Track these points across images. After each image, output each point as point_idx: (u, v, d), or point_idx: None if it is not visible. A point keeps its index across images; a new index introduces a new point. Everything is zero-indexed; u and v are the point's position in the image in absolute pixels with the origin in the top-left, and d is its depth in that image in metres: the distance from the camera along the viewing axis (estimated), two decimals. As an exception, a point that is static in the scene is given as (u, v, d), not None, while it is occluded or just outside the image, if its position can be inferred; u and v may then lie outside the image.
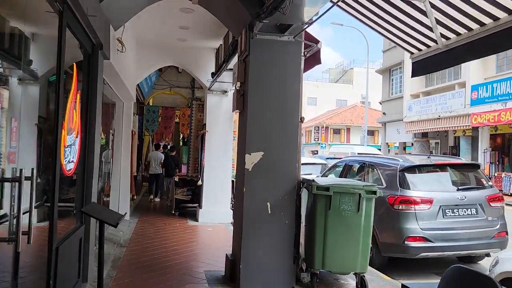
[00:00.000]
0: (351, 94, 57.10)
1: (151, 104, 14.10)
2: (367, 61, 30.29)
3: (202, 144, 9.20)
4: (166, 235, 7.59)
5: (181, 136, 16.80)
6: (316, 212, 4.54)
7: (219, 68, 7.50)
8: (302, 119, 4.94)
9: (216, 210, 9.06)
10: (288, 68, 4.85)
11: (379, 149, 27.97)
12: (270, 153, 4.77)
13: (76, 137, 3.98)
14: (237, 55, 5.58)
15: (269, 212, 4.73)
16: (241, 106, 5.02)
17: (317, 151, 40.81)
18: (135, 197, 9.55)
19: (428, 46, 4.80)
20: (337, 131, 43.80)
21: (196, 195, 9.83)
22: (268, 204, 4.73)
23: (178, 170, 12.73)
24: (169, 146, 15.83)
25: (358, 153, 22.88)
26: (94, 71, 4.49)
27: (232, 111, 5.48)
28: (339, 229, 4.50)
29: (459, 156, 22.30)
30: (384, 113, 27.47)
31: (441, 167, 6.23)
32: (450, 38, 4.37)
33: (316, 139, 43.14)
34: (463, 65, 20.04)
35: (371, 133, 43.09)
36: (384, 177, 6.27)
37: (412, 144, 24.96)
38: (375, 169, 6.61)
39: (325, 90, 56.14)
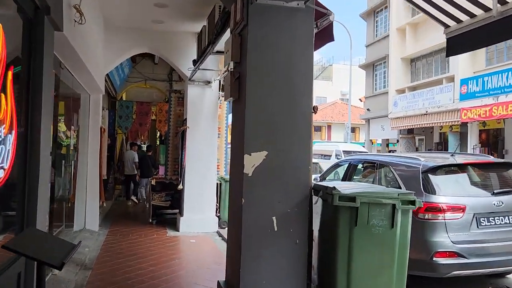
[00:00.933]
0: (330, 91, 56.58)
1: (124, 98, 12.79)
2: (350, 56, 29.67)
3: (182, 142, 8.03)
4: (141, 251, 6.41)
5: (158, 134, 15.54)
6: (338, 229, 3.48)
7: (203, 52, 6.35)
8: (315, 109, 3.87)
9: (199, 217, 7.93)
10: (297, 43, 3.77)
11: (363, 146, 27.27)
12: (275, 153, 3.68)
13: (9, 132, 2.80)
14: (229, 29, 4.47)
15: (275, 228, 3.65)
16: (236, 92, 3.91)
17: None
18: (104, 204, 8.32)
19: (472, 16, 3.81)
20: (317, 129, 43.08)
21: (176, 200, 8.65)
22: (274, 218, 3.65)
23: (155, 170, 11.64)
24: (145, 146, 14.61)
25: (343, 151, 22.10)
26: (38, 44, 3.30)
27: (225, 100, 4.36)
28: (368, 250, 3.46)
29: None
30: (368, 109, 26.79)
31: (471, 167, 5.28)
32: (508, 3, 3.39)
33: (297, 137, 42.27)
34: (451, 58, 19.45)
35: (352, 130, 42.55)
36: (402, 179, 5.27)
37: (398, 141, 24.33)
38: (389, 170, 5.61)
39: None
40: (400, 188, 5.17)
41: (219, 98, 8.28)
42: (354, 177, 6.62)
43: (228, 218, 4.31)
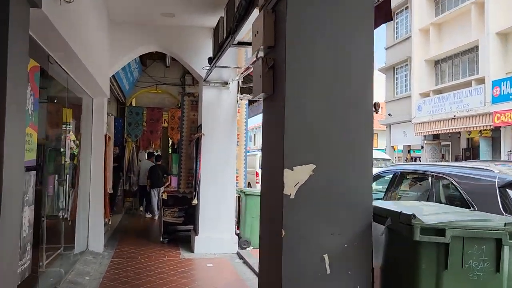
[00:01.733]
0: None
1: (133, 104, 11.97)
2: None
3: (197, 151, 7.11)
4: (151, 279, 5.46)
5: (170, 142, 14.69)
6: (419, 273, 2.47)
7: (220, 46, 5.42)
8: (376, 107, 2.89)
9: (216, 236, 6.97)
10: (353, 20, 2.80)
11: (384, 153, 26.04)
12: (326, 167, 2.71)
13: None
14: (256, 8, 3.54)
15: (328, 270, 2.67)
16: (270, 86, 2.95)
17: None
18: (110, 222, 7.44)
19: None
20: (334, 135, 41.84)
21: (190, 216, 7.71)
22: (326, 257, 2.66)
23: (166, 181, 10.89)
24: (155, 154, 13.85)
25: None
26: (3, 23, 2.40)
27: (253, 97, 3.37)
28: (463, 305, 2.45)
29: (478, 159, 20.48)
30: (389, 115, 25.60)
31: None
32: None
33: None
34: (480, 59, 18.31)
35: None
36: (471, 196, 4.22)
37: (422, 147, 23.10)
38: (451, 184, 4.57)
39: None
40: (470, 207, 4.14)
41: (237, 101, 7.35)
42: (401, 191, 5.58)
43: (260, 255, 3.33)
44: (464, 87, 19.24)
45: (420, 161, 27.64)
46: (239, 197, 7.45)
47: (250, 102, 8.33)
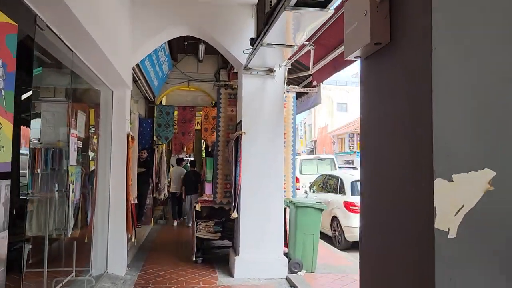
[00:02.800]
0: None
1: (163, 103, 10.91)
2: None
3: (236, 153, 5.86)
4: (180, 319, 4.23)
5: (204, 145, 13.63)
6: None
7: (271, 13, 4.15)
8: None
9: (261, 257, 5.70)
10: None
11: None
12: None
13: None
14: None
15: None
16: (385, 29, 1.65)
17: (352, 160, 36.98)
18: (133, 239, 6.31)
19: None
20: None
21: (228, 230, 6.48)
22: None
23: (199, 187, 10.17)
24: (188, 160, 12.91)
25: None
26: None
27: (347, 55, 2.02)
28: None
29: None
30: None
31: None
32: None
33: (351, 148, 39.33)
34: None
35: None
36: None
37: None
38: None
39: (356, 95, 52.18)
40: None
41: (284, 92, 6.07)
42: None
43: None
44: None
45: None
46: (287, 209, 6.15)
47: (298, 95, 7.03)
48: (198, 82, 10.59)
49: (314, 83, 6.19)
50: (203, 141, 15.38)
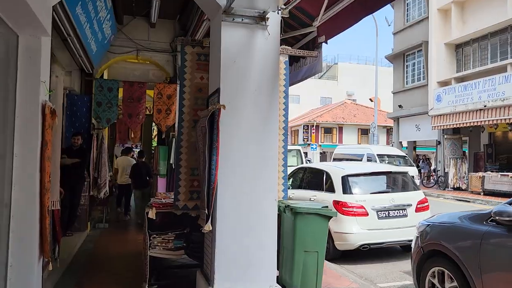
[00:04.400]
0: (336, 91, 52.95)
1: (105, 77, 8.74)
2: (376, 48, 25.76)
3: (211, 138, 3.99)
4: None
5: (155, 132, 11.60)
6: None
7: None
8: None
9: (246, 287, 3.92)
10: None
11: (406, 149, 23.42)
12: None
13: None
14: None
15: None
16: None
17: (306, 153, 36.00)
18: (51, 265, 4.24)
19: None
20: (328, 130, 39.20)
21: (195, 246, 4.62)
22: None
23: (149, 180, 9.29)
24: (138, 151, 11.53)
25: (377, 154, 18.16)
26: None
27: None
28: None
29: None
30: (400, 106, 22.92)
31: None
32: None
33: (305, 140, 38.38)
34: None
35: (365, 132, 38.84)
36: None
37: (438, 143, 20.48)
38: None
39: (308, 87, 51.34)
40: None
41: (279, 51, 4.30)
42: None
43: None
44: (496, 73, 16.65)
45: (428, 158, 25.16)
46: (278, 216, 4.40)
47: (292, 60, 5.28)
48: (149, 53, 8.55)
49: (321, 39, 4.47)
50: (154, 127, 13.29)
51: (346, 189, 6.66)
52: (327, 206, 4.34)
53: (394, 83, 24.15)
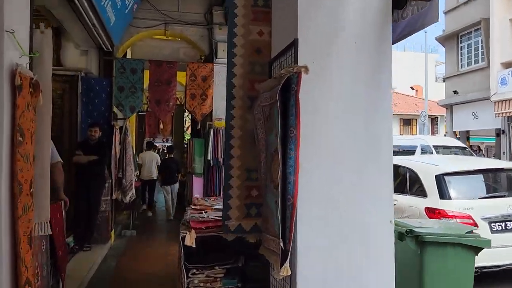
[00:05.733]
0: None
1: (128, 56, 7.34)
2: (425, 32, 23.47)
3: (285, 123, 2.39)
4: None
5: (187, 123, 10.23)
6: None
7: None
8: None
9: None
10: None
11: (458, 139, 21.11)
12: None
13: None
14: None
15: None
16: None
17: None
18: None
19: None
20: (367, 121, 36.91)
21: (253, 285, 3.08)
22: None
23: (178, 176, 9.37)
24: (168, 146, 10.91)
25: (433, 145, 16.12)
26: None
27: None
28: None
29: None
30: (455, 92, 20.63)
31: None
32: None
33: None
34: None
35: (407, 122, 36.45)
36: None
37: (502, 132, 18.17)
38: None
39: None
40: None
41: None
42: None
43: None
44: None
45: (481, 149, 22.78)
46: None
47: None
48: (180, 26, 7.05)
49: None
50: (187, 118, 11.86)
51: (444, 193, 4.96)
52: (471, 231, 2.69)
53: (446, 67, 21.87)
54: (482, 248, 2.66)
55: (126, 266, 5.54)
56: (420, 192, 5.21)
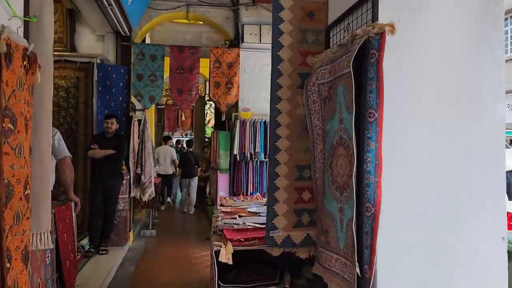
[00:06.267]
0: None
1: (148, 41, 6.77)
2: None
3: (362, 102, 1.77)
4: None
5: (208, 117, 9.67)
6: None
7: None
8: None
9: None
10: None
11: None
12: None
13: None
14: None
15: None
16: None
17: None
18: None
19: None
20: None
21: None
22: None
23: (197, 169, 9.26)
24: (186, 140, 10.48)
25: None
26: None
27: None
28: None
29: None
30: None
31: None
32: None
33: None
34: None
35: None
36: None
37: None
38: None
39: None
40: None
41: None
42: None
43: None
44: None
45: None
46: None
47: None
48: (203, 8, 6.43)
49: None
50: (208, 111, 11.30)
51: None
52: None
53: None
54: None
55: (145, 272, 5.00)
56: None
